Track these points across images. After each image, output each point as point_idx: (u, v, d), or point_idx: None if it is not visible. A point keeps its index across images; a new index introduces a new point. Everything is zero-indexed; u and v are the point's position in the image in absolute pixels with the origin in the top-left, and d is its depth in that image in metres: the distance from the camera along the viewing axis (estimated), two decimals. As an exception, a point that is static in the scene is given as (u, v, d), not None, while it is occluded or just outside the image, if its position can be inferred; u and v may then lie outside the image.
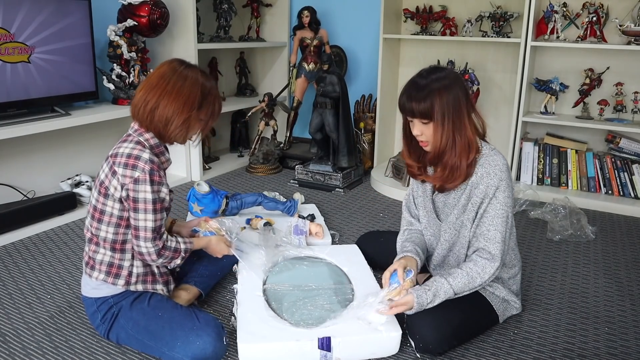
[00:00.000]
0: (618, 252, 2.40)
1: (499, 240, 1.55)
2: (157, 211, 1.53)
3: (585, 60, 3.07)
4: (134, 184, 1.49)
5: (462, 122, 1.53)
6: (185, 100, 1.53)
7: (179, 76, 1.54)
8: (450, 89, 1.51)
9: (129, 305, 1.57)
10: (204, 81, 1.58)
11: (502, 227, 1.56)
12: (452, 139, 1.53)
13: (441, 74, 1.55)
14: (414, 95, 1.53)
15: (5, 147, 2.61)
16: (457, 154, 1.54)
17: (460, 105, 1.52)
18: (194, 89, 1.55)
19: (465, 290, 1.56)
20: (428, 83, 1.52)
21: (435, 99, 1.50)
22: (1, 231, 2.37)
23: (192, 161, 3.35)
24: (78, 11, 2.70)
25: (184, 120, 1.54)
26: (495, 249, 1.55)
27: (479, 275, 1.55)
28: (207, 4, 3.58)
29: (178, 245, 1.62)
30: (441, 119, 1.51)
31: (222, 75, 3.84)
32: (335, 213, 2.82)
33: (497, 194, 1.55)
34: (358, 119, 3.67)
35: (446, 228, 1.69)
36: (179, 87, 1.53)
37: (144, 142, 1.55)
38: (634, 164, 2.97)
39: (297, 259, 1.97)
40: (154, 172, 1.51)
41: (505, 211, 1.56)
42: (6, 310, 1.83)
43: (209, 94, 1.59)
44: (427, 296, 1.51)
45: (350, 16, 3.84)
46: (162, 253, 1.57)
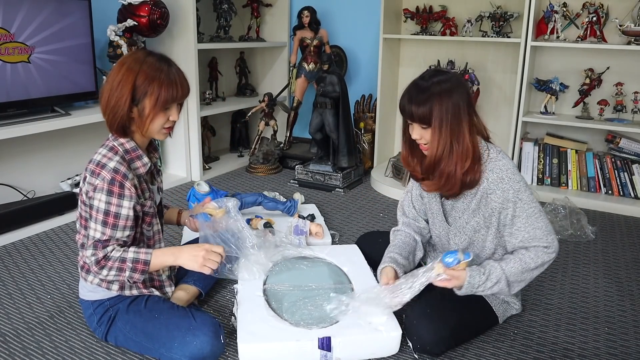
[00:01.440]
0: (618, 252, 2.40)
1: (541, 235, 1.53)
2: (107, 224, 1.44)
3: (585, 60, 3.07)
4: (92, 191, 1.44)
5: (461, 129, 1.50)
6: (120, 81, 1.44)
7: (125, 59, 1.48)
8: (451, 94, 1.48)
9: (126, 308, 1.56)
10: (150, 60, 1.47)
11: (541, 222, 1.54)
12: (449, 146, 1.50)
13: (443, 77, 1.51)
14: (414, 98, 1.50)
15: (5, 147, 2.61)
16: (453, 162, 1.51)
17: (459, 111, 1.49)
18: (133, 67, 1.45)
19: (519, 277, 1.54)
20: (429, 86, 1.49)
21: (434, 104, 1.47)
22: (1, 231, 2.37)
23: (192, 161, 3.35)
24: (78, 11, 2.71)
25: (116, 102, 1.44)
26: (544, 241, 1.54)
27: (532, 261, 1.53)
28: (207, 4, 3.58)
29: (125, 255, 1.46)
30: (439, 125, 1.48)
31: (222, 75, 3.84)
32: (335, 213, 2.82)
33: (520, 196, 1.54)
34: (358, 119, 3.67)
35: (455, 232, 1.67)
36: (117, 68, 1.46)
37: (117, 148, 1.49)
38: (634, 164, 2.97)
39: (297, 259, 1.96)
40: (115, 182, 1.43)
41: (534, 208, 1.55)
42: (6, 310, 1.83)
43: (156, 76, 1.45)
44: (480, 278, 1.51)
45: (350, 16, 3.84)
46: (103, 264, 1.45)
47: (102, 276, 1.48)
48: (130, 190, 1.46)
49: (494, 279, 1.53)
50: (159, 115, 1.49)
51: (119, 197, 1.44)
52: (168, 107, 1.50)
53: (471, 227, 1.62)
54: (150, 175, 1.64)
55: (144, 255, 1.49)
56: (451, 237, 1.69)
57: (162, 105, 1.48)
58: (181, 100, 1.53)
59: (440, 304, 1.61)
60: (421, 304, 1.63)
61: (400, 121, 3.89)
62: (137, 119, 1.49)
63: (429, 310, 1.59)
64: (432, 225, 1.78)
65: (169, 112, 1.51)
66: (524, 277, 1.56)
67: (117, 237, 1.47)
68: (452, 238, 1.69)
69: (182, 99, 1.52)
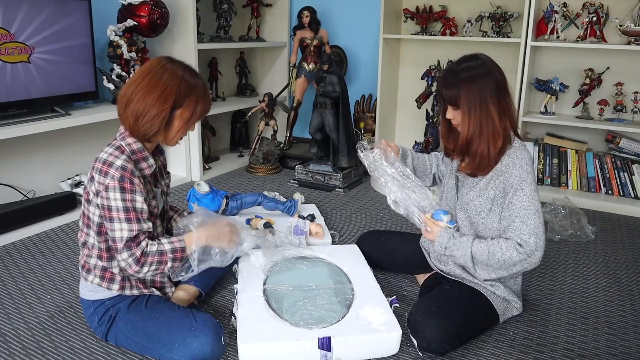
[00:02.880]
0: (618, 252, 2.40)
1: (524, 231, 1.53)
2: (132, 220, 1.45)
3: (585, 60, 3.07)
4: (105, 191, 1.44)
5: (489, 112, 1.55)
6: (160, 94, 1.46)
7: (158, 70, 1.49)
8: (479, 80, 1.55)
9: (127, 308, 1.56)
10: (186, 76, 1.50)
11: (531, 220, 1.54)
12: (479, 128, 1.56)
13: (473, 63, 1.58)
14: (445, 82, 1.60)
15: (5, 147, 2.61)
16: (485, 142, 1.57)
17: (486, 96, 1.55)
18: (172, 83, 1.47)
19: (485, 259, 1.57)
20: (459, 71, 1.58)
21: (462, 88, 1.55)
22: (1, 231, 2.37)
23: (192, 161, 3.35)
24: (78, 11, 2.71)
25: (155, 115, 1.46)
26: (522, 239, 1.54)
27: (499, 252, 1.55)
28: (207, 4, 3.58)
29: (162, 247, 1.48)
30: (467, 107, 1.55)
31: (222, 75, 3.84)
32: (335, 213, 2.82)
33: (523, 186, 1.55)
34: (358, 119, 3.67)
35: (460, 207, 1.70)
36: (155, 80, 1.47)
37: (124, 147, 1.50)
38: (634, 164, 2.97)
39: (297, 259, 1.97)
40: (125, 179, 1.44)
41: (532, 204, 1.55)
42: (6, 310, 1.83)
43: (192, 92, 1.50)
44: (449, 241, 1.61)
45: (350, 16, 3.84)
46: (143, 261, 1.46)
47: (143, 274, 1.48)
48: (139, 185, 1.48)
49: (461, 250, 1.60)
50: (184, 127, 1.55)
51: (131, 193, 1.46)
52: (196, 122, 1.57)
53: (474, 207, 1.65)
54: (154, 178, 1.64)
55: (178, 243, 1.51)
56: (457, 211, 1.72)
57: (195, 121, 1.55)
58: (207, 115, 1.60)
59: (445, 302, 1.62)
60: (426, 302, 1.64)
61: (400, 121, 3.91)
62: (163, 130, 1.52)
63: (434, 308, 1.60)
64: (444, 196, 1.81)
65: (190, 125, 1.57)
66: (490, 262, 1.58)
67: (144, 229, 1.49)
68: (458, 213, 1.72)
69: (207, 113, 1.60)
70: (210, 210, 1.68)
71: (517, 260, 1.54)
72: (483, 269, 1.64)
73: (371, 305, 1.66)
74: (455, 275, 1.75)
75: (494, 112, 1.56)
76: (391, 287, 2.02)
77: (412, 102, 3.49)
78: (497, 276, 1.64)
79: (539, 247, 1.54)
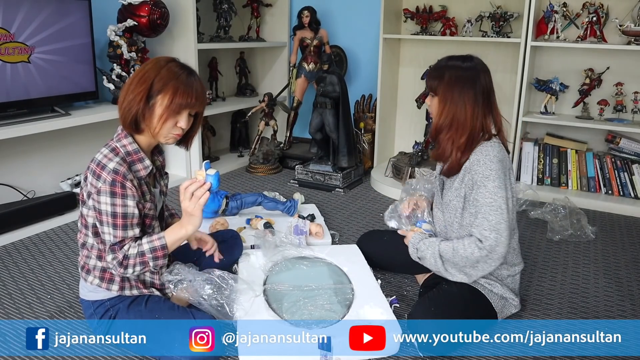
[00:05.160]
0: (618, 252, 2.40)
1: (486, 227, 1.56)
2: (117, 227, 1.45)
3: (585, 60, 3.07)
4: (97, 194, 1.44)
5: (465, 108, 1.61)
6: (139, 78, 1.47)
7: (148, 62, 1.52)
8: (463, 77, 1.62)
9: (126, 308, 1.56)
10: (171, 65, 1.49)
11: (493, 216, 1.56)
12: (449, 119, 1.63)
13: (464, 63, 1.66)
14: (432, 71, 1.71)
15: (5, 147, 2.61)
16: (451, 134, 1.63)
17: (465, 92, 1.61)
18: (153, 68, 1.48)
19: (451, 257, 1.63)
20: (447, 65, 1.66)
21: (444, 79, 1.63)
22: (1, 231, 2.37)
23: (192, 161, 3.35)
24: (78, 11, 2.70)
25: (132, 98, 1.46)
26: (482, 234, 1.57)
27: (462, 249, 1.60)
28: (207, 4, 3.58)
29: (141, 248, 1.49)
30: (444, 97, 1.63)
31: (222, 75, 3.84)
32: (335, 213, 2.82)
33: (485, 183, 1.58)
34: (358, 119, 3.67)
35: (443, 208, 1.76)
36: (140, 69, 1.51)
37: (119, 149, 1.49)
38: (634, 164, 2.97)
39: (297, 259, 1.97)
40: (116, 183, 1.43)
41: (495, 200, 1.56)
42: (6, 310, 1.83)
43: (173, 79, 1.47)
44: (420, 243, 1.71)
45: (350, 16, 3.83)
46: (126, 263, 1.47)
47: (129, 274, 1.50)
48: (132, 189, 1.47)
49: (430, 249, 1.68)
50: (169, 119, 1.49)
51: (122, 198, 1.45)
52: (179, 113, 1.49)
53: (452, 207, 1.69)
54: (153, 178, 1.64)
55: (157, 241, 1.51)
56: (442, 212, 1.77)
57: (174, 108, 1.47)
58: (193, 109, 1.52)
59: (444, 302, 1.63)
60: (425, 302, 1.65)
61: (400, 121, 3.91)
62: (149, 117, 1.49)
63: (433, 308, 1.60)
64: (435, 201, 1.85)
65: (178, 118, 1.50)
66: (455, 259, 1.63)
67: (130, 235, 1.49)
68: (442, 214, 1.76)
69: (193, 107, 1.52)
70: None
71: (479, 256, 1.58)
72: (453, 268, 1.67)
73: (371, 305, 1.66)
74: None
75: (469, 109, 1.62)
76: (391, 287, 2.02)
77: (412, 102, 3.49)
78: (468, 276, 1.65)
79: (499, 243, 1.56)
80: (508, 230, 1.57)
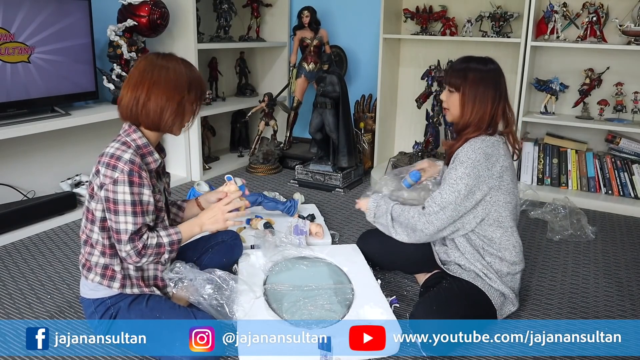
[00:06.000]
0: (618, 252, 2.40)
1: (437, 200, 1.66)
2: (137, 214, 1.49)
3: (585, 60, 3.07)
4: (112, 185, 1.46)
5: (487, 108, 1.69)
6: (174, 86, 1.52)
7: (160, 67, 1.53)
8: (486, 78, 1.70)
9: (127, 307, 1.56)
10: (184, 65, 1.58)
11: (447, 195, 1.64)
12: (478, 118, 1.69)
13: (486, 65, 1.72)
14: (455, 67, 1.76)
15: (5, 147, 2.61)
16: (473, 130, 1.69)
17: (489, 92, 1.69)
18: (179, 73, 1.54)
19: (396, 216, 1.73)
20: (469, 65, 1.72)
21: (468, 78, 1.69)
22: (1, 231, 2.37)
23: (192, 161, 3.35)
24: (78, 11, 2.70)
25: (177, 105, 1.53)
26: (428, 203, 1.67)
27: (411, 212, 1.70)
28: (207, 4, 3.58)
29: (161, 240, 1.55)
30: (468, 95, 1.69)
31: (222, 75, 3.84)
32: (335, 213, 2.82)
33: (457, 166, 1.66)
34: (358, 119, 3.67)
35: None
36: (164, 75, 1.52)
37: (130, 143, 1.52)
38: (634, 164, 2.97)
39: (297, 259, 1.96)
40: (133, 173, 1.47)
41: (457, 183, 1.64)
42: (6, 310, 1.83)
43: (194, 76, 1.59)
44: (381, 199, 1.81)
45: (350, 16, 3.84)
46: (143, 252, 1.52)
47: (141, 263, 1.55)
48: (147, 179, 1.51)
49: (385, 206, 1.77)
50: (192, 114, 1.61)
51: (139, 186, 1.49)
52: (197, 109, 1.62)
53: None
54: (157, 175, 1.65)
55: (175, 235, 1.59)
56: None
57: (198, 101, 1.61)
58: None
59: (444, 301, 1.64)
60: (426, 301, 1.65)
61: (400, 121, 3.90)
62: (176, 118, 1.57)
63: (434, 307, 1.61)
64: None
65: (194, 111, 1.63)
66: (401, 220, 1.72)
67: (147, 222, 1.53)
68: None
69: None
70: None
71: (418, 220, 1.68)
72: (399, 227, 1.73)
73: (371, 305, 1.66)
74: (454, 270, 1.76)
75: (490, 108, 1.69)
76: (391, 287, 2.02)
77: (412, 102, 3.49)
78: (408, 237, 1.72)
79: (441, 220, 1.65)
80: (453, 213, 1.65)
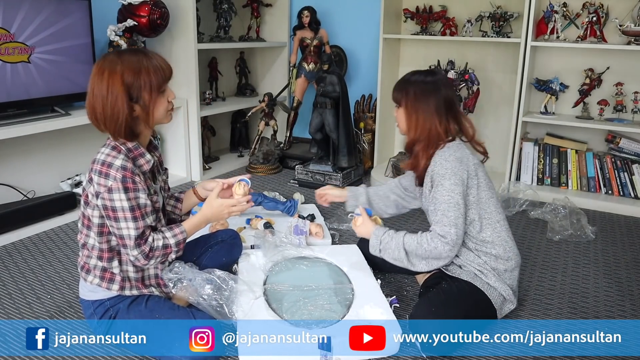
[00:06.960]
0: (618, 252, 2.40)
1: (446, 223, 1.64)
2: (138, 218, 1.48)
3: (585, 60, 3.07)
4: (108, 193, 1.45)
5: (432, 119, 1.71)
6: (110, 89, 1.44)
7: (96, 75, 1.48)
8: (427, 90, 1.72)
9: (126, 308, 1.56)
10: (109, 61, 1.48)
11: (451, 213, 1.64)
12: (426, 132, 1.72)
13: (426, 77, 1.76)
14: (397, 85, 1.81)
15: (5, 147, 2.60)
16: (423, 145, 1.74)
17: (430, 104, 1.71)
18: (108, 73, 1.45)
19: (415, 250, 1.67)
20: (410, 79, 1.78)
21: (409, 93, 1.74)
22: (1, 231, 2.37)
23: (192, 161, 3.35)
24: (78, 11, 2.70)
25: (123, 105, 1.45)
26: (443, 230, 1.64)
27: (426, 243, 1.65)
28: (207, 4, 3.58)
29: (167, 241, 1.56)
30: (410, 109, 1.73)
31: (222, 75, 3.84)
32: (335, 213, 2.82)
33: (442, 181, 1.67)
34: (358, 119, 3.67)
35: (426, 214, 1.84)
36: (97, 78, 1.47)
37: (119, 147, 1.50)
38: (634, 164, 2.97)
39: (297, 259, 1.97)
40: (127, 179, 1.45)
41: (452, 197, 1.64)
42: (6, 310, 1.83)
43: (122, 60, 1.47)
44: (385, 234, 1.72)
45: (350, 16, 3.84)
46: (151, 255, 1.52)
47: (149, 265, 1.55)
48: (141, 183, 1.50)
49: (394, 241, 1.70)
50: (159, 101, 1.52)
51: (134, 191, 1.47)
52: (164, 90, 1.53)
53: (431, 212, 1.74)
54: (152, 175, 1.64)
55: (180, 235, 1.59)
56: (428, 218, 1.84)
57: (158, 89, 1.50)
58: (170, 79, 1.56)
59: (444, 302, 1.64)
60: (425, 302, 1.65)
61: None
62: (142, 114, 1.49)
63: (434, 308, 1.61)
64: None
65: (166, 94, 1.55)
66: (418, 252, 1.67)
67: (148, 224, 1.53)
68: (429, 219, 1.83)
69: (170, 78, 1.56)
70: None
71: (442, 250, 1.64)
72: (415, 259, 1.70)
73: (371, 305, 1.66)
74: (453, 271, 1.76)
75: (435, 119, 1.72)
76: (391, 287, 2.02)
77: (412, 102, 3.49)
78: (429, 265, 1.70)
79: (460, 236, 1.65)
80: (462, 226, 1.66)
